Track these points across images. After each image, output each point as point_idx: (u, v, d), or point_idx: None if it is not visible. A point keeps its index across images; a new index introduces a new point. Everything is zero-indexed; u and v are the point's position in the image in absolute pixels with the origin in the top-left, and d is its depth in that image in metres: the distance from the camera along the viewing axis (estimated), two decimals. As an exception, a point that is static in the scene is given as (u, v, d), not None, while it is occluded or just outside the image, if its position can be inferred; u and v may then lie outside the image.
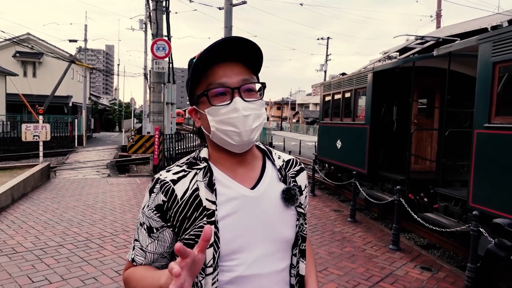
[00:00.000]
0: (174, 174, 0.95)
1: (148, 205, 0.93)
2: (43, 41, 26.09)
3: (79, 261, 4.13)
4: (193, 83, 0.95)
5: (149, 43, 12.12)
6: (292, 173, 1.05)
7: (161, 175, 0.95)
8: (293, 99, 70.10)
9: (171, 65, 11.92)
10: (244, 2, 11.70)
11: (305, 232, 1.01)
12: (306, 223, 1.03)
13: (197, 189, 0.92)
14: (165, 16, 11.44)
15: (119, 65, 42.67)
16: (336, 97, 9.36)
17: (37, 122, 10.95)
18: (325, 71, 34.49)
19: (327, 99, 9.94)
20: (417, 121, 7.11)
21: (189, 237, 0.89)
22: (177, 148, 11.72)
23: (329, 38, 36.20)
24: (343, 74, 9.53)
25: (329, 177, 9.63)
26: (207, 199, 0.90)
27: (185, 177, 0.94)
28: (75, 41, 25.29)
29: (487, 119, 4.41)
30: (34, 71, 27.05)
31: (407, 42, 7.74)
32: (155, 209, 0.92)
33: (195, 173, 0.94)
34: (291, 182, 1.02)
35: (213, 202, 0.90)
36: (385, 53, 8.57)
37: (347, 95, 8.64)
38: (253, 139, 0.93)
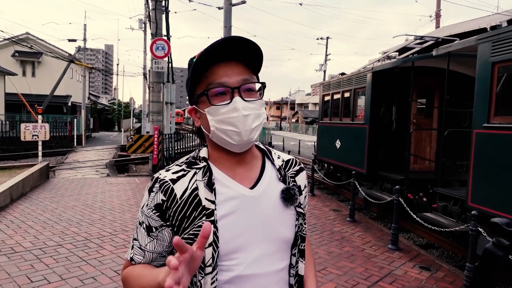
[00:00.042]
0: (173, 173, 0.95)
1: (147, 204, 0.93)
2: (42, 40, 26.04)
3: (78, 261, 4.13)
4: (193, 82, 0.95)
5: (149, 43, 12.11)
6: (291, 173, 1.05)
7: (161, 174, 0.95)
8: (293, 99, 70.13)
9: (170, 64, 11.90)
10: (243, 1, 11.70)
11: (304, 232, 1.01)
12: (305, 223, 1.02)
13: (196, 188, 0.92)
14: (164, 15, 11.43)
15: (118, 64, 42.68)
16: (335, 97, 9.37)
17: (36, 121, 10.94)
18: (325, 71, 34.50)
19: (327, 99, 9.94)
20: (416, 121, 7.12)
21: (188, 236, 0.89)
22: (176, 147, 11.72)
23: (328, 38, 36.24)
24: (343, 74, 9.54)
25: (328, 177, 9.64)
26: (206, 199, 0.90)
27: (184, 176, 0.94)
28: (74, 40, 25.27)
29: (486, 119, 4.42)
30: (33, 70, 27.01)
31: (407, 42, 7.74)
32: (154, 208, 0.92)
33: (195, 173, 0.95)
34: (291, 182, 1.02)
35: (212, 201, 0.90)
36: (384, 53, 8.58)
37: (347, 95, 8.65)
38: (253, 139, 0.93)
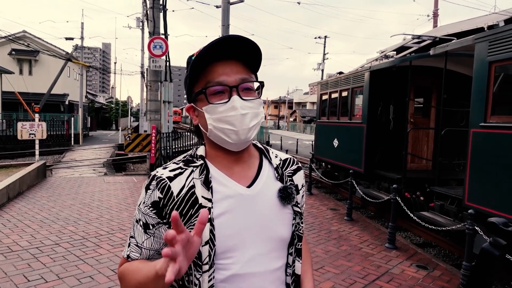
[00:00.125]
0: (170, 171, 0.95)
1: (144, 202, 0.93)
2: (39, 38, 25.95)
3: (75, 260, 4.12)
4: (191, 80, 0.95)
5: (146, 41, 12.08)
6: (289, 172, 1.05)
7: (158, 172, 0.95)
8: (290, 98, 70.19)
9: (168, 63, 11.88)
10: (241, 0, 11.68)
11: (301, 231, 1.01)
12: (302, 222, 1.02)
13: (193, 186, 0.92)
14: (162, 14, 11.40)
15: (115, 63, 42.60)
16: (333, 96, 9.38)
17: (33, 120, 10.90)
18: (323, 70, 34.54)
19: (324, 98, 9.95)
20: (414, 120, 7.14)
21: None
22: (174, 146, 11.70)
23: (326, 37, 36.34)
24: (340, 73, 9.55)
25: (326, 175, 9.65)
26: (203, 197, 0.90)
27: (181, 174, 0.94)
28: (72, 39, 25.19)
29: (483, 118, 4.43)
30: (30, 69, 26.90)
31: (404, 41, 7.76)
32: (151, 205, 0.92)
33: (192, 171, 0.94)
34: (288, 181, 1.02)
35: (209, 199, 0.90)
36: (382, 52, 8.59)
37: (344, 94, 8.66)
38: (250, 138, 0.93)
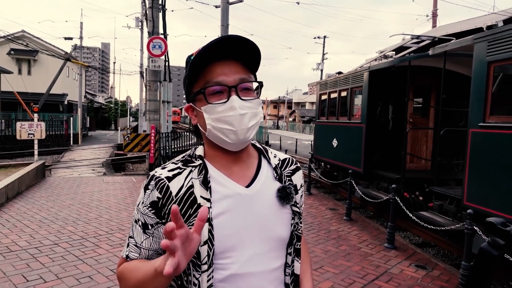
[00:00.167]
0: (169, 171, 0.95)
1: (143, 202, 0.93)
2: (38, 38, 25.91)
3: (74, 260, 4.12)
4: (190, 80, 0.95)
5: (145, 41, 12.08)
6: (287, 172, 1.05)
7: (156, 172, 0.96)
8: (290, 98, 70.19)
9: (167, 63, 11.88)
10: (240, 0, 11.68)
11: (300, 231, 1.01)
12: (301, 222, 1.02)
13: (192, 186, 0.92)
14: (161, 14, 11.39)
15: (115, 63, 42.54)
16: (332, 96, 9.38)
17: (32, 120, 10.89)
18: (322, 70, 34.60)
19: (323, 98, 9.95)
20: (413, 120, 7.15)
21: None
22: (173, 146, 11.70)
23: (325, 37, 36.39)
24: (340, 73, 9.55)
25: (325, 175, 9.66)
26: (201, 197, 0.90)
27: (180, 174, 0.94)
28: (71, 38, 25.17)
29: (482, 118, 4.44)
30: (29, 68, 26.85)
31: (403, 41, 7.76)
32: (150, 205, 0.92)
33: (190, 171, 0.95)
34: (287, 181, 1.02)
35: (207, 199, 0.90)
36: (381, 52, 8.60)
37: (343, 94, 8.66)
38: (249, 138, 0.93)
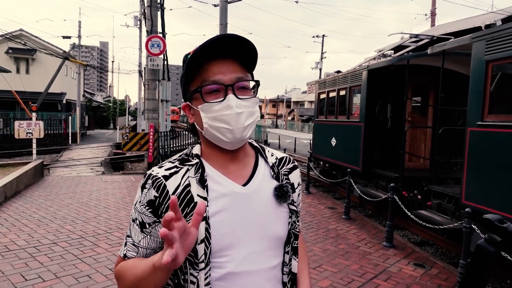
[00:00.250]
0: (166, 170, 0.95)
1: (140, 201, 0.93)
2: (36, 37, 25.84)
3: (73, 259, 4.12)
4: (187, 79, 0.95)
5: (144, 40, 12.06)
6: (285, 170, 1.05)
7: (153, 171, 0.96)
8: (288, 97, 70.23)
9: (165, 62, 11.87)
10: (239, -1, 11.66)
11: (297, 229, 1.01)
12: (299, 221, 1.02)
13: (188, 185, 0.92)
14: (159, 12, 11.38)
15: (113, 62, 42.52)
16: (331, 95, 9.38)
17: (30, 119, 10.87)
18: (320, 69, 34.63)
19: (322, 97, 9.95)
20: (411, 119, 7.16)
21: None
22: (171, 145, 11.69)
23: (324, 36, 36.39)
24: (338, 72, 9.55)
25: (323, 174, 9.67)
26: (198, 195, 0.90)
27: (177, 173, 0.94)
28: (69, 37, 25.14)
29: (480, 117, 4.45)
30: (27, 67, 26.78)
31: (402, 40, 7.77)
32: (147, 204, 0.92)
33: (187, 169, 0.95)
34: (284, 179, 1.02)
35: (204, 198, 0.90)
36: (379, 51, 8.60)
37: (342, 93, 8.66)
38: (246, 137, 0.93)
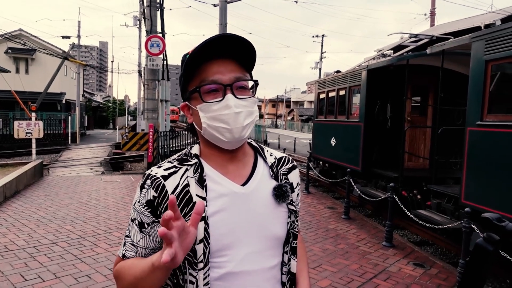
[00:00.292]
0: (165, 170, 0.95)
1: (139, 201, 0.93)
2: (35, 37, 25.81)
3: (73, 259, 4.11)
4: (185, 79, 0.95)
5: (143, 40, 12.06)
6: (284, 170, 1.05)
7: (152, 171, 0.96)
8: (288, 97, 70.26)
9: (165, 62, 11.87)
10: (238, -1, 11.66)
11: (296, 229, 1.01)
12: (298, 221, 1.02)
13: (187, 185, 0.92)
14: (159, 12, 11.38)
15: (113, 62, 42.50)
16: (330, 94, 9.38)
17: (30, 119, 10.86)
18: (320, 69, 34.64)
19: (322, 96, 9.95)
20: (411, 118, 7.16)
21: None
22: (171, 145, 11.69)
23: (324, 35, 36.43)
24: (338, 71, 9.56)
25: (323, 174, 9.67)
26: (197, 195, 0.90)
27: (176, 173, 0.94)
28: (68, 37, 25.14)
29: (479, 117, 4.45)
30: (26, 67, 26.75)
31: (401, 40, 7.77)
32: (145, 204, 0.92)
33: (186, 169, 0.95)
34: (283, 179, 1.02)
35: (203, 198, 0.89)
36: (379, 51, 8.60)
37: (342, 92, 8.67)
38: (244, 136, 0.93)
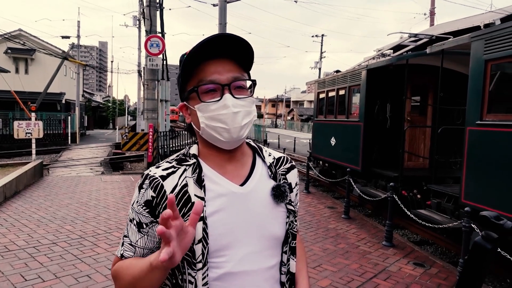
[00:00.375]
0: (163, 170, 0.95)
1: (137, 201, 0.93)
2: (35, 37, 25.79)
3: (73, 259, 4.11)
4: (183, 79, 0.95)
5: (143, 40, 12.06)
6: (282, 170, 1.05)
7: (151, 171, 0.96)
8: (288, 97, 70.28)
9: (165, 62, 11.87)
10: (238, -2, 11.66)
11: (295, 229, 1.01)
12: (296, 221, 1.02)
13: (186, 185, 0.92)
14: (158, 12, 11.38)
15: (112, 62, 42.50)
16: (330, 94, 9.38)
17: (30, 119, 10.86)
18: (320, 69, 34.61)
19: (321, 96, 9.95)
20: (410, 118, 7.16)
21: None
22: (171, 145, 11.69)
23: (323, 35, 36.43)
24: (337, 71, 9.55)
25: (323, 174, 9.67)
26: (195, 195, 0.90)
27: (174, 173, 0.94)
28: (68, 37, 25.13)
29: (479, 116, 4.45)
30: (26, 67, 26.74)
31: (401, 39, 7.77)
32: (144, 204, 0.92)
33: (184, 169, 0.94)
34: (281, 179, 1.02)
35: (201, 198, 0.89)
36: (379, 51, 8.60)
37: (341, 92, 8.66)
38: (242, 136, 0.93)
